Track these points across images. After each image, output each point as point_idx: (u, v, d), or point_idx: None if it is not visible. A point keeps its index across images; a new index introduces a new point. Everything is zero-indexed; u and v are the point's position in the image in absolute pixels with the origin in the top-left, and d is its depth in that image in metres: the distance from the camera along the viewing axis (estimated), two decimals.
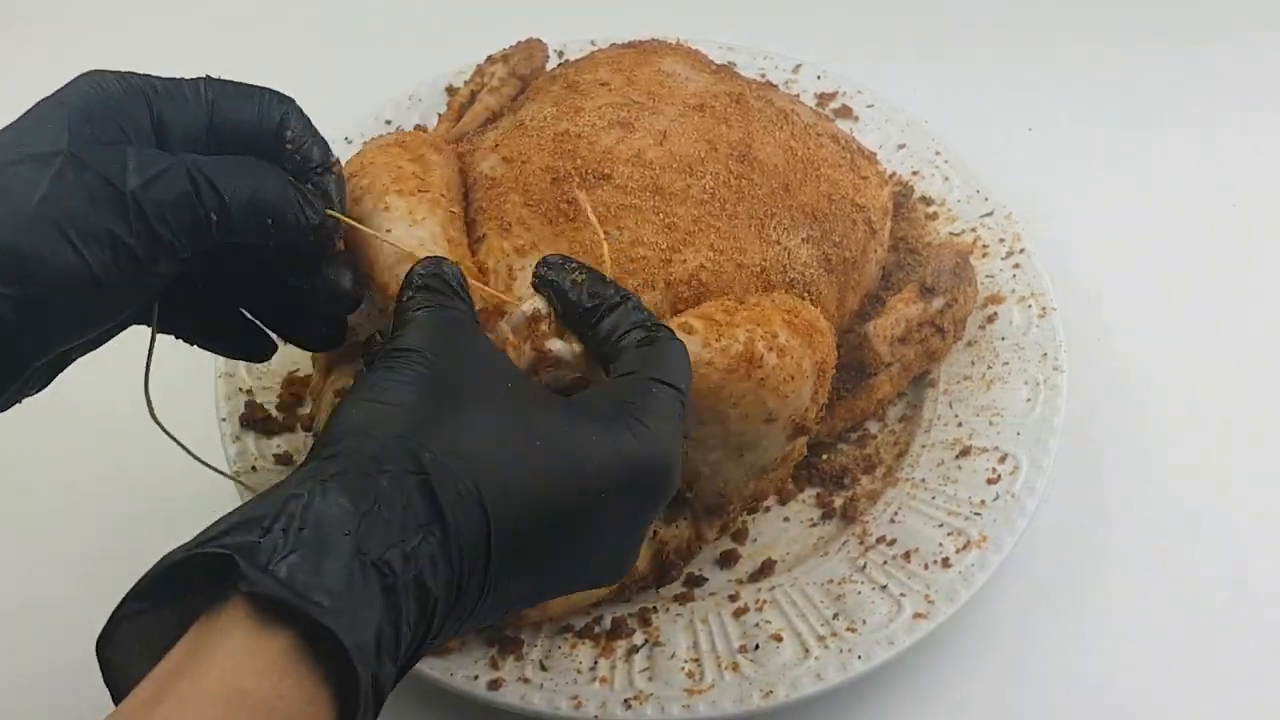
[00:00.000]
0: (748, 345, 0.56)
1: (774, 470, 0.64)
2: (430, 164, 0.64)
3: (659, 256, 0.61)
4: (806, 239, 0.66)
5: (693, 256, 0.61)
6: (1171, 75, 1.00)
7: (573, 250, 0.62)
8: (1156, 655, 0.65)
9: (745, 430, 0.58)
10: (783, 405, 0.57)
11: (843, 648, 0.61)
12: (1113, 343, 0.80)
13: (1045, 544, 0.69)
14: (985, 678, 0.65)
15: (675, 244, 0.62)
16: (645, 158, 0.65)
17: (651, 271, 0.60)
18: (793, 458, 0.65)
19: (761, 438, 0.59)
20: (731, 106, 0.70)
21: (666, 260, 0.61)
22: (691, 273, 0.61)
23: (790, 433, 0.59)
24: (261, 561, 0.35)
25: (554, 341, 0.51)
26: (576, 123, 0.67)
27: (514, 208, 0.63)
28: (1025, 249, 0.78)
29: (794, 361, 0.57)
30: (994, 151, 0.89)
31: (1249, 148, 0.93)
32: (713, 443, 0.59)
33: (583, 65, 0.76)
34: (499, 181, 0.65)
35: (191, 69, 0.52)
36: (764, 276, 0.63)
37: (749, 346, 0.56)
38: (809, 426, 0.60)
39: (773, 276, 0.64)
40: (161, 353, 0.54)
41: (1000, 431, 0.70)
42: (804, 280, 0.65)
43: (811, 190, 0.67)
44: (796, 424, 0.59)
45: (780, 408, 0.57)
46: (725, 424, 0.57)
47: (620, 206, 0.63)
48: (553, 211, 0.62)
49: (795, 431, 0.59)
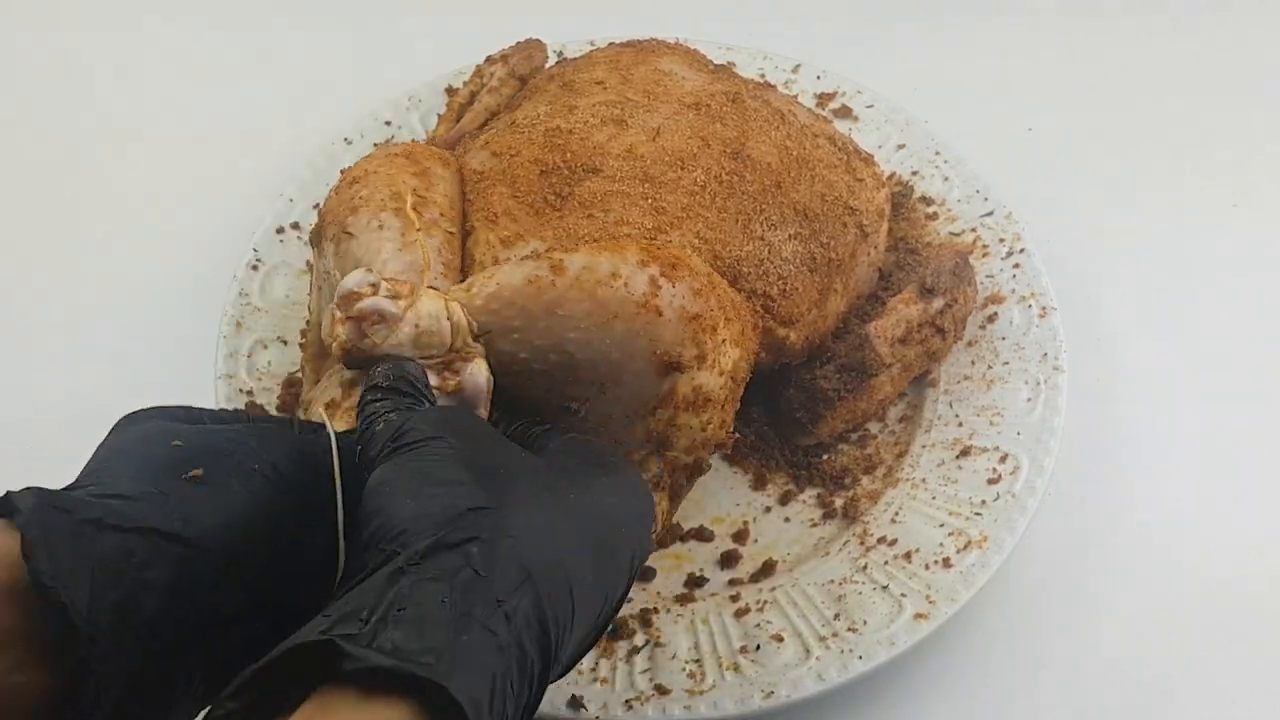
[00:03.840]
0: (577, 265, 0.54)
1: (663, 415, 0.59)
2: (435, 179, 0.63)
3: (643, 236, 0.61)
4: (793, 236, 0.66)
5: (677, 239, 0.62)
6: (1172, 75, 1.00)
7: (555, 237, 0.62)
8: (1157, 654, 0.65)
9: (592, 357, 0.55)
10: (622, 328, 0.54)
11: (844, 648, 0.61)
12: (1113, 343, 0.80)
13: (1045, 544, 0.69)
14: (986, 678, 0.64)
15: (662, 225, 0.62)
16: (637, 152, 0.65)
17: None
18: (683, 403, 0.59)
19: (616, 370, 0.55)
20: (727, 105, 0.70)
21: (651, 239, 0.61)
22: None
23: (656, 368, 0.56)
24: (364, 643, 0.35)
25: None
26: (569, 120, 0.68)
27: (501, 199, 0.63)
28: (1025, 249, 0.78)
29: (626, 285, 0.54)
30: (994, 151, 0.89)
31: (1249, 148, 0.94)
32: (562, 374, 0.55)
33: (580, 64, 0.76)
34: (486, 175, 0.65)
35: (192, 69, 0.52)
36: (736, 268, 0.63)
37: (572, 264, 0.54)
38: (682, 364, 0.56)
39: (745, 269, 0.64)
40: (156, 356, 0.54)
41: (1001, 431, 0.70)
42: (780, 274, 0.65)
43: (805, 190, 0.67)
44: (662, 359, 0.55)
45: (620, 331, 0.54)
46: (567, 348, 0.54)
47: (607, 193, 0.63)
48: (539, 203, 0.62)
49: (663, 368, 0.56)
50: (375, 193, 0.60)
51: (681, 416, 0.58)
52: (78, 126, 0.96)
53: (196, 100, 0.98)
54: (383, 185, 0.60)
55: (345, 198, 0.61)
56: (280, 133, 0.93)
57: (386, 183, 0.61)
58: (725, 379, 0.58)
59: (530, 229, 0.61)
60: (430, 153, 0.66)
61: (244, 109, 0.97)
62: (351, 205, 0.59)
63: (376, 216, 0.59)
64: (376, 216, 0.59)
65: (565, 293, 0.53)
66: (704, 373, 0.56)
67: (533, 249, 0.61)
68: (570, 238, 0.61)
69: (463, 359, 0.52)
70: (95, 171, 0.93)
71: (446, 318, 0.52)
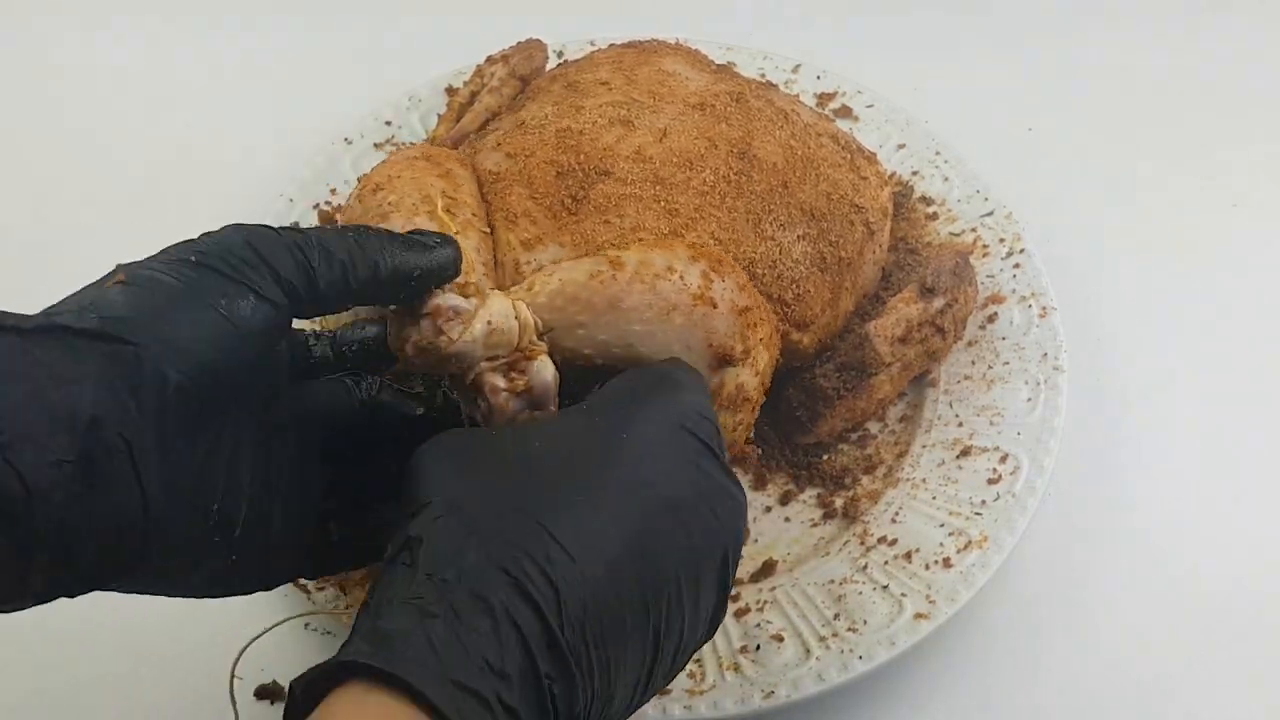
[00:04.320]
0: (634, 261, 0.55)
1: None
2: (459, 179, 0.63)
3: (659, 239, 0.61)
4: (802, 236, 0.66)
5: (692, 241, 0.61)
6: (1172, 75, 1.00)
7: (574, 243, 0.62)
8: (1157, 655, 0.65)
9: (654, 349, 0.55)
10: (681, 319, 0.55)
11: (844, 648, 0.61)
12: (1113, 343, 0.80)
13: (1045, 544, 0.69)
14: (986, 678, 0.65)
15: (677, 228, 0.62)
16: (645, 154, 0.65)
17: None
18: (727, 400, 0.60)
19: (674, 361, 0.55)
20: (731, 105, 0.70)
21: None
22: None
23: (710, 361, 0.56)
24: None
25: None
26: (578, 120, 0.68)
27: (519, 200, 0.63)
28: (1025, 249, 0.78)
29: (682, 278, 0.55)
30: (994, 151, 0.89)
31: (1249, 148, 0.94)
32: (625, 369, 0.55)
33: (583, 65, 0.76)
34: (502, 176, 0.65)
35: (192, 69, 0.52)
36: (750, 269, 0.63)
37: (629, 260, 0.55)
38: (734, 357, 0.57)
39: (759, 270, 0.64)
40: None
41: (1001, 431, 0.70)
42: (793, 276, 0.65)
43: (810, 189, 0.68)
44: (717, 351, 0.56)
45: (679, 323, 0.55)
46: (629, 340, 0.55)
47: (621, 196, 0.63)
48: (556, 205, 0.63)
49: (718, 360, 0.56)
50: (404, 198, 0.59)
51: (723, 415, 0.59)
52: (77, 126, 0.96)
53: (196, 100, 0.98)
54: (411, 189, 0.60)
55: (371, 205, 0.60)
56: (280, 133, 0.93)
57: (414, 186, 0.60)
58: (760, 380, 0.59)
59: (549, 233, 0.61)
60: (447, 154, 0.66)
61: (244, 109, 0.97)
62: (381, 212, 0.59)
63: (411, 221, 0.58)
64: (411, 221, 0.58)
65: (627, 286, 0.54)
66: (747, 370, 0.57)
67: (552, 255, 0.61)
68: (589, 243, 0.61)
69: (527, 358, 0.52)
70: (94, 171, 0.93)
71: (514, 316, 0.52)
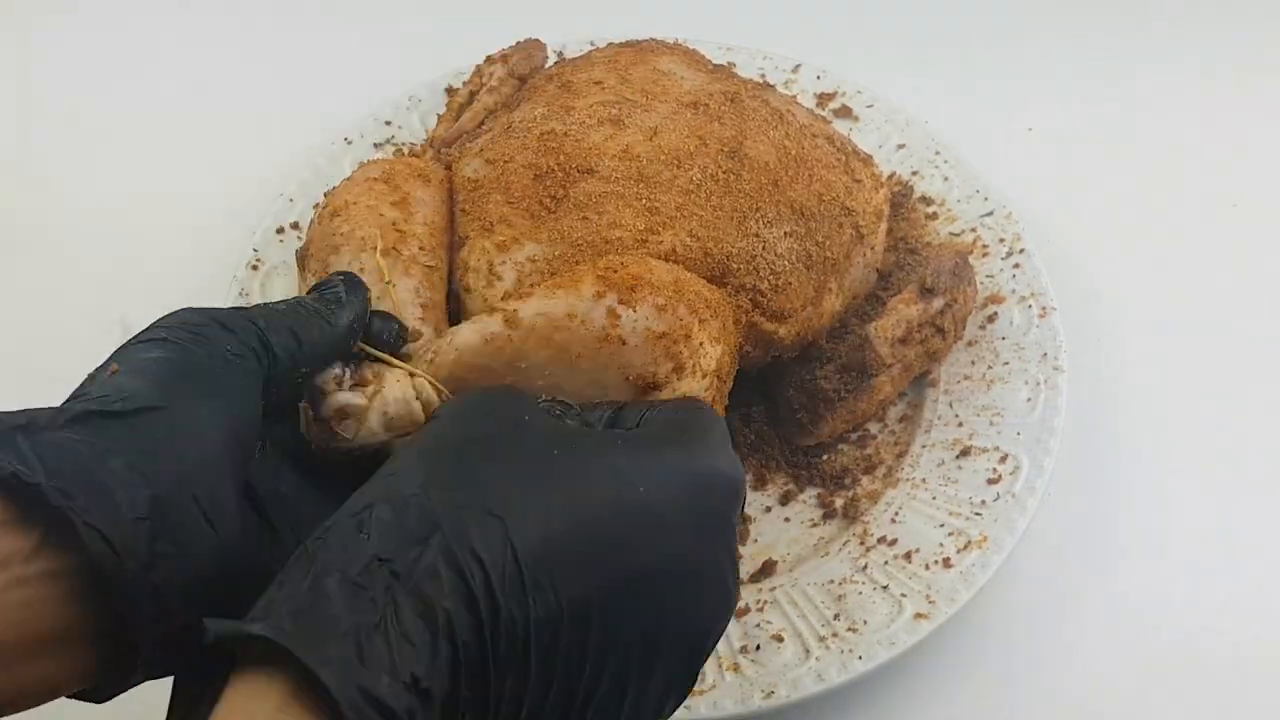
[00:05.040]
0: (530, 314, 0.55)
1: None
2: (414, 205, 0.63)
3: (634, 238, 0.61)
4: (789, 233, 0.66)
5: (669, 239, 0.62)
6: (1172, 75, 1.00)
7: (551, 239, 0.62)
8: (1157, 655, 0.65)
9: (570, 393, 0.55)
10: (588, 364, 0.55)
11: (844, 648, 0.61)
12: (1113, 343, 0.80)
13: (1045, 544, 0.69)
14: (986, 678, 0.65)
15: (654, 226, 0.62)
16: (633, 152, 0.65)
17: (624, 251, 0.61)
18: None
19: (598, 398, 0.55)
20: (726, 105, 0.70)
21: (642, 241, 0.61)
22: (664, 254, 0.61)
23: (633, 391, 0.56)
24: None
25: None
26: (565, 121, 0.68)
27: (495, 207, 0.63)
28: (1025, 249, 0.78)
29: (583, 323, 0.55)
30: (994, 151, 0.89)
31: (1249, 148, 0.94)
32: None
33: (579, 64, 0.76)
34: (481, 183, 0.65)
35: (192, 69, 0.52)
36: (726, 263, 0.63)
37: (525, 314, 0.55)
38: (658, 382, 0.56)
39: (735, 265, 0.64)
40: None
41: (1000, 431, 0.70)
42: (774, 269, 0.65)
43: (802, 189, 0.67)
44: (637, 382, 0.56)
45: (587, 367, 0.54)
46: (547, 387, 0.55)
47: (602, 194, 0.63)
48: (535, 206, 0.63)
49: (642, 389, 0.56)
50: (356, 229, 0.60)
51: None
52: (77, 126, 0.96)
53: (195, 100, 0.98)
54: (362, 222, 0.61)
55: (327, 231, 0.61)
56: (280, 133, 0.93)
57: (366, 219, 0.61)
58: (710, 379, 0.58)
59: (526, 232, 0.62)
60: (409, 171, 0.66)
61: (243, 108, 0.97)
62: (333, 244, 0.60)
63: (357, 258, 0.59)
64: (357, 258, 0.59)
65: (522, 345, 0.54)
66: (685, 381, 0.57)
67: (528, 253, 0.62)
68: (565, 240, 0.62)
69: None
70: (94, 172, 0.93)
71: (415, 398, 0.52)
